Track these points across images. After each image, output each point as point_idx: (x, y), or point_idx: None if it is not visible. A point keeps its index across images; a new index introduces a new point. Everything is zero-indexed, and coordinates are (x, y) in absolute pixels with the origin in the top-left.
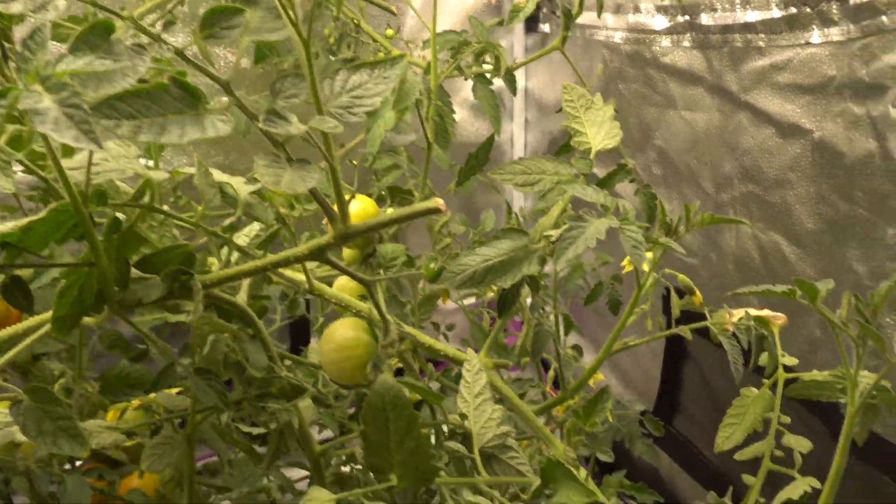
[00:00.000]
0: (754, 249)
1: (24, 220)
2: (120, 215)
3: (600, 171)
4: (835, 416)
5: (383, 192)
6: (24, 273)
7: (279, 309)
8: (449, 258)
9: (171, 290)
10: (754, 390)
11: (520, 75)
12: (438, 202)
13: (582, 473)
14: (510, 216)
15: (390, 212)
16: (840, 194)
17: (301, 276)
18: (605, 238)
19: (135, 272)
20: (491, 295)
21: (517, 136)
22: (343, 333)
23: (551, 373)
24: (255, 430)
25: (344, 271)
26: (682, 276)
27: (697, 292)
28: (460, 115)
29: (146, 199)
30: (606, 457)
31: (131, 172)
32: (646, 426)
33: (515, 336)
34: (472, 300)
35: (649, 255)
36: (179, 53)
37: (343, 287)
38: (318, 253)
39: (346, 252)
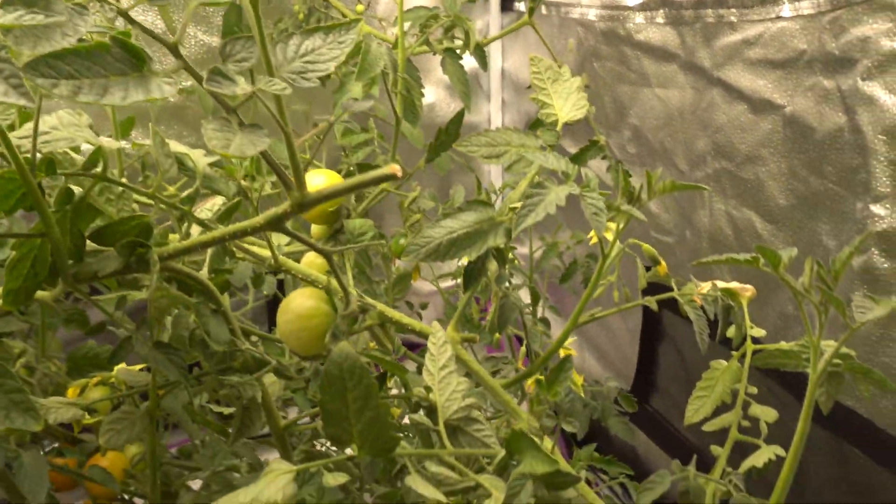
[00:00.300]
0: (728, 226)
1: None
2: (77, 189)
3: (573, 148)
4: (805, 389)
5: (352, 169)
6: None
7: (251, 291)
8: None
9: (127, 263)
10: (724, 363)
11: (496, 56)
12: (394, 167)
13: (547, 444)
14: (480, 192)
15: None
16: (811, 169)
17: (268, 252)
18: (564, 205)
19: (91, 245)
20: None
21: (494, 117)
22: (300, 303)
23: (523, 349)
24: (227, 411)
25: (303, 241)
26: (646, 246)
27: (662, 262)
28: (436, 95)
29: (99, 169)
30: (571, 427)
31: (82, 141)
32: (620, 403)
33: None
34: (449, 282)
35: (612, 224)
36: (123, 14)
37: (311, 263)
38: (276, 222)
39: (315, 229)
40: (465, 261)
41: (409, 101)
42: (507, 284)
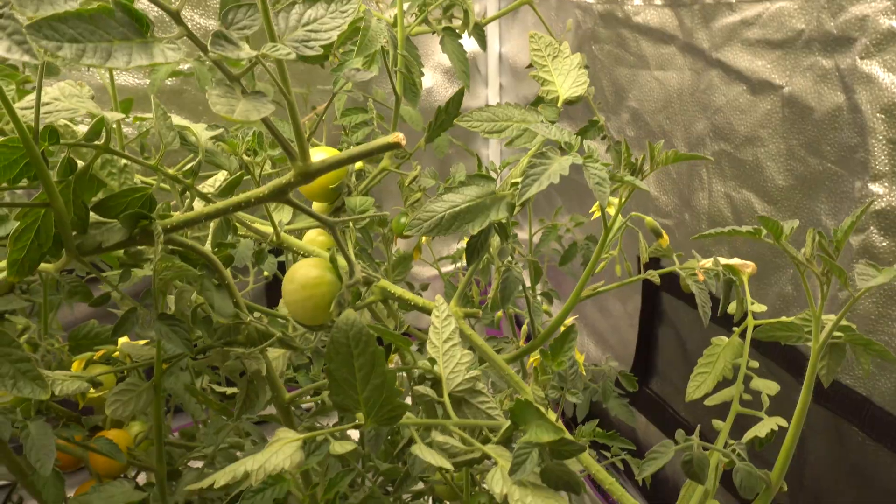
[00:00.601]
0: (727, 208)
1: None
2: (80, 163)
3: (573, 129)
4: (804, 367)
5: (352, 147)
6: None
7: (252, 273)
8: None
9: (131, 235)
10: (724, 339)
11: (493, 40)
12: (398, 136)
13: (551, 415)
14: (481, 170)
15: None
16: (809, 149)
17: (270, 229)
18: (567, 174)
19: (94, 217)
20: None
21: (492, 101)
22: (305, 272)
23: (525, 328)
24: (230, 390)
25: (307, 212)
26: (648, 219)
27: (665, 235)
28: (434, 79)
29: (102, 141)
30: (576, 398)
31: (84, 111)
32: (621, 384)
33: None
34: (448, 267)
35: (614, 199)
36: None
37: (313, 241)
38: (280, 193)
39: (315, 207)
40: (464, 242)
41: (408, 80)
42: (509, 258)
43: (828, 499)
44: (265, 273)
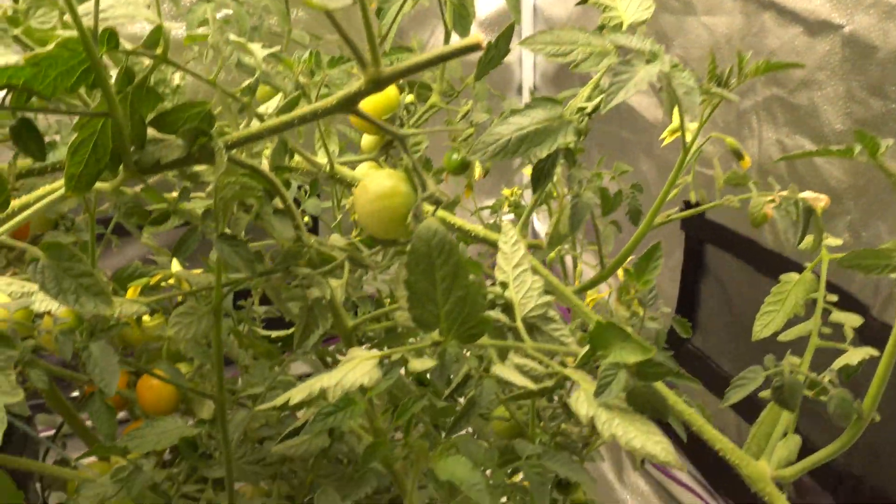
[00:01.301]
0: (779, 155)
1: (30, 54)
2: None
3: None
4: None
5: (401, 83)
6: None
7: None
8: (471, 150)
9: (189, 152)
10: (795, 275)
11: None
12: (479, 37)
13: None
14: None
15: (429, 54)
16: (872, 91)
17: (323, 160)
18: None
19: (151, 133)
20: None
21: (525, 57)
22: (380, 182)
23: (579, 269)
24: (275, 334)
25: (374, 122)
26: (729, 139)
27: (746, 156)
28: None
29: (159, 51)
30: (656, 323)
31: (142, 18)
32: (675, 329)
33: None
34: (490, 219)
35: (692, 125)
36: None
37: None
38: (349, 103)
39: (365, 140)
40: (506, 192)
41: (460, 11)
42: (578, 183)
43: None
44: (306, 217)
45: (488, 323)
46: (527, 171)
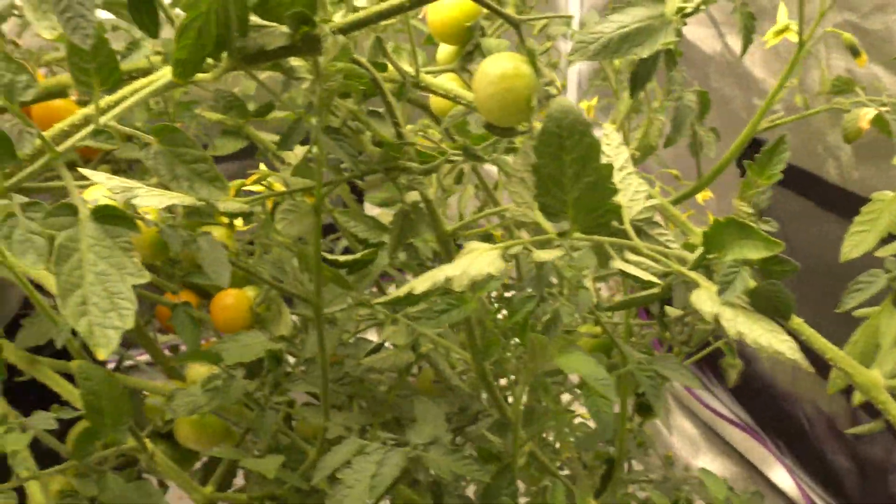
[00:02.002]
0: None
1: None
2: None
3: None
4: None
5: None
6: None
7: None
8: (549, 65)
9: (292, 40)
10: (888, 193)
11: None
12: None
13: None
14: None
15: None
16: None
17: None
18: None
19: (253, 20)
20: None
21: None
22: (501, 63)
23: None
24: (343, 258)
25: (487, 6)
26: (846, 35)
27: (863, 53)
28: None
29: None
30: (770, 226)
31: None
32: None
33: None
34: None
35: (794, 25)
36: None
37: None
38: None
39: (442, 51)
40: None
41: None
42: (679, 86)
43: None
44: None
45: (618, 209)
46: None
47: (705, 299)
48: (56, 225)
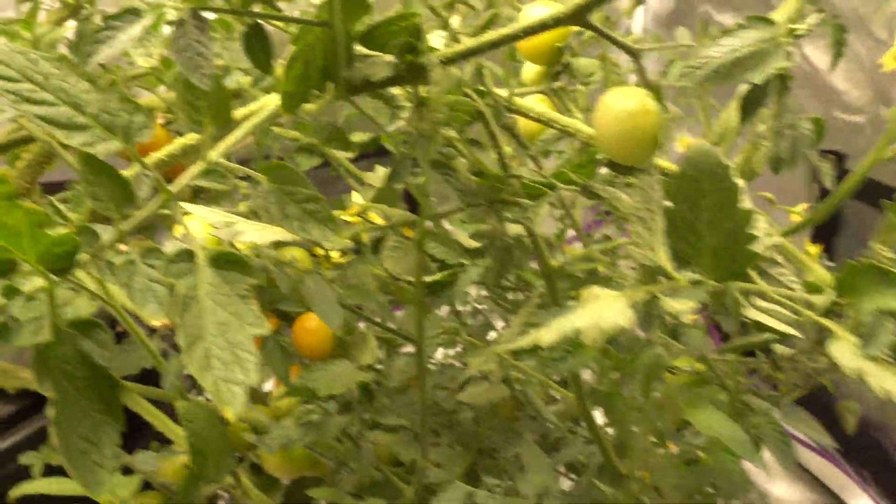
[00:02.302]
0: None
1: None
2: None
3: None
4: None
5: None
6: None
7: None
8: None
9: (397, 70)
10: None
11: None
12: None
13: None
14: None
15: None
16: None
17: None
18: None
19: (357, 50)
20: None
21: None
22: (624, 101)
23: None
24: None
25: (606, 36)
26: None
27: None
28: None
29: None
30: None
31: None
32: None
33: None
34: None
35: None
36: None
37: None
38: (582, 13)
39: (528, 71)
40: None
41: None
42: (791, 112)
43: None
44: None
45: (754, 257)
46: None
47: (846, 352)
48: (175, 272)
